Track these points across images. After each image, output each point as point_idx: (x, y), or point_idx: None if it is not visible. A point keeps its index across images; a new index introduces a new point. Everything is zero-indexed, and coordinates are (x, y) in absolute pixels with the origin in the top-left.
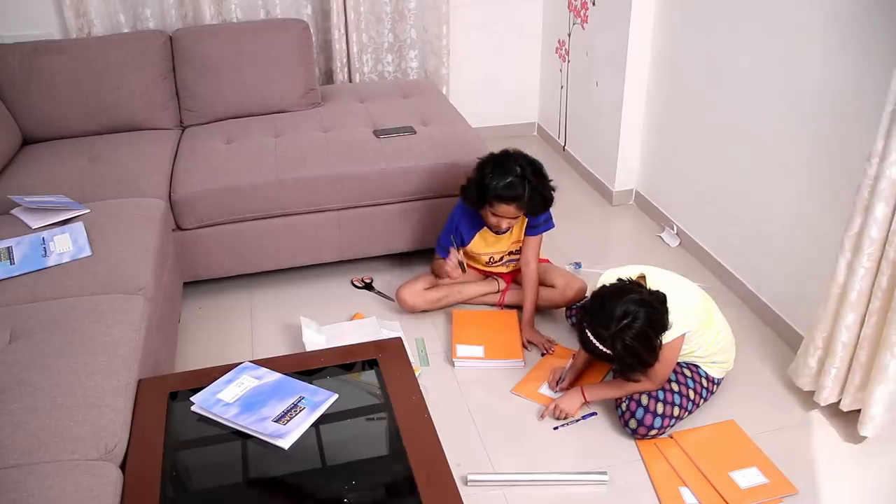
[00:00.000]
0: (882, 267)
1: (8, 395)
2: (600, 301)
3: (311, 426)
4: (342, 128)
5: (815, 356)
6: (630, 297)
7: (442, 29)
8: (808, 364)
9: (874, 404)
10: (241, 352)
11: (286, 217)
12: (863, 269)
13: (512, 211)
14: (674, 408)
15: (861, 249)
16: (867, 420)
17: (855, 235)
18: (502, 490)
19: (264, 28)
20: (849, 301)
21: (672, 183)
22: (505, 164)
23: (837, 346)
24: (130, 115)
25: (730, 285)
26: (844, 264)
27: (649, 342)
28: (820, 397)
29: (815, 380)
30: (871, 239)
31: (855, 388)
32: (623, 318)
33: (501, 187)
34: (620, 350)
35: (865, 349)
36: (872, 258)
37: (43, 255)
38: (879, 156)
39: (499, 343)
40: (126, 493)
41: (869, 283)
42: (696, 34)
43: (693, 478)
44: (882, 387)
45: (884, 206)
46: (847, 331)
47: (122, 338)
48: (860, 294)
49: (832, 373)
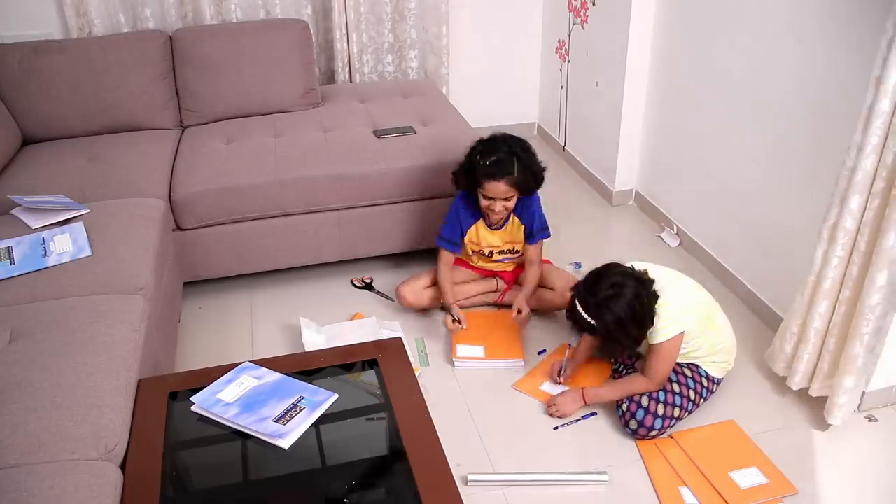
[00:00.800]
0: (853, 257)
1: (8, 395)
2: (591, 275)
3: (311, 426)
4: (342, 128)
5: (792, 342)
6: (619, 270)
7: (442, 29)
8: (784, 350)
9: (841, 393)
10: (241, 352)
11: (286, 217)
12: (836, 259)
13: (502, 188)
14: (674, 408)
15: (836, 239)
16: (834, 408)
17: (831, 226)
18: (502, 490)
19: (264, 28)
20: (822, 289)
21: (672, 183)
22: (492, 143)
23: (810, 333)
24: (130, 115)
25: (730, 285)
26: (821, 254)
27: (635, 313)
28: (792, 382)
29: (789, 365)
30: (845, 229)
31: (824, 374)
32: (611, 287)
33: (490, 163)
34: (607, 320)
35: (835, 337)
36: (846, 248)
37: (43, 255)
38: (857, 147)
39: (499, 343)
40: (126, 493)
41: (841, 273)
42: (696, 34)
43: (693, 478)
44: (849, 377)
45: (858, 198)
46: (820, 318)
47: (122, 338)
48: (833, 283)
49: (804, 359)
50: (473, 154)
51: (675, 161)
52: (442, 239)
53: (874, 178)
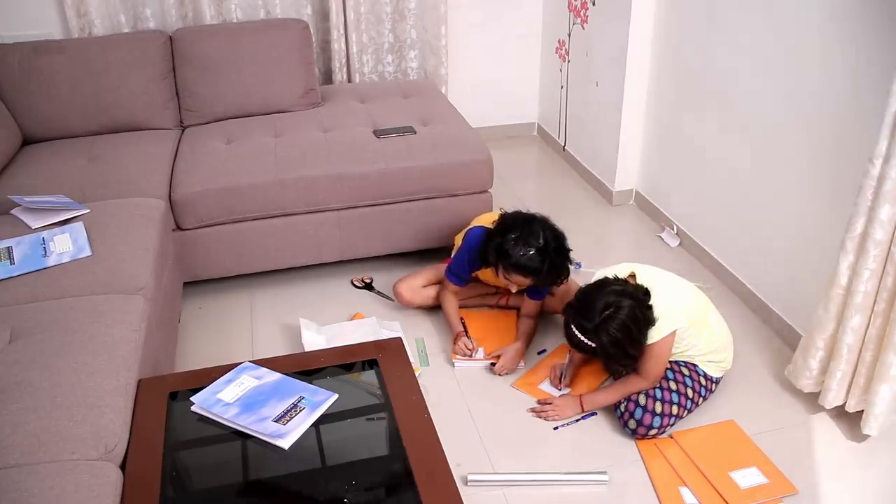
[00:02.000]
0: (887, 268)
1: (8, 395)
2: (583, 295)
3: (311, 426)
4: (342, 128)
5: (817, 358)
6: (612, 289)
7: (441, 29)
8: (808, 366)
9: (878, 403)
10: (241, 352)
11: (286, 217)
12: (868, 272)
13: (526, 282)
14: (672, 406)
15: (866, 251)
16: (871, 419)
17: (858, 237)
18: (502, 490)
19: (264, 28)
20: (854, 303)
21: (672, 183)
22: (529, 233)
23: (843, 349)
24: (130, 115)
25: (730, 285)
26: (847, 266)
27: (632, 333)
28: (825, 400)
29: (818, 381)
30: (875, 241)
31: (860, 389)
32: (605, 309)
33: (523, 259)
34: (604, 342)
35: (870, 350)
36: (878, 260)
37: (43, 255)
38: (883, 157)
39: (499, 343)
40: (126, 493)
41: (875, 285)
42: (696, 34)
43: (693, 478)
44: (886, 385)
45: (889, 208)
46: (853, 333)
47: (122, 338)
48: (866, 296)
49: (837, 375)
50: (506, 236)
51: (675, 161)
52: (451, 273)
53: None
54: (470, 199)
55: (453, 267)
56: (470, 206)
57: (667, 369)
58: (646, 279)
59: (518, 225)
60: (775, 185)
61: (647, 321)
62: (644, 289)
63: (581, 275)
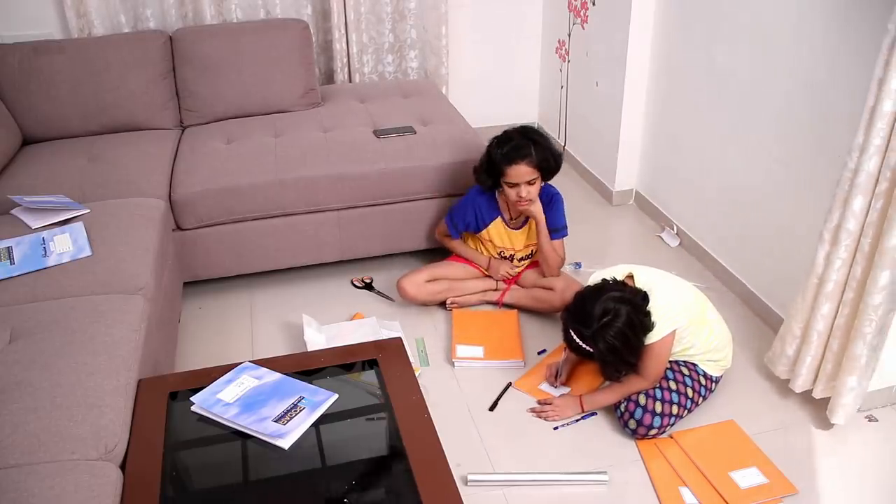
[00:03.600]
0: (857, 258)
1: (8, 395)
2: (581, 300)
3: (311, 426)
4: (342, 128)
5: (794, 345)
6: (610, 294)
7: (442, 29)
8: (785, 353)
9: (845, 393)
10: (241, 352)
11: (286, 217)
12: (839, 261)
13: (526, 171)
14: (672, 406)
15: (838, 241)
16: (838, 408)
17: (834, 228)
18: (502, 490)
19: (264, 28)
20: (825, 291)
21: (672, 183)
22: (506, 134)
23: (813, 335)
24: (130, 115)
25: (730, 285)
26: (823, 255)
27: (629, 340)
28: (795, 385)
29: (792, 368)
30: (847, 231)
31: (827, 376)
32: (603, 315)
33: (509, 149)
34: (602, 348)
35: (838, 339)
36: (849, 249)
37: (43, 255)
38: (860, 149)
39: (499, 343)
40: (126, 493)
41: (844, 274)
42: (696, 34)
43: (693, 478)
44: (852, 377)
45: (861, 199)
46: (822, 320)
47: (122, 338)
48: (836, 285)
49: (807, 361)
50: (490, 148)
51: (675, 161)
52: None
53: (877, 179)
54: None
55: (452, 212)
56: None
57: (666, 369)
58: (644, 279)
59: (497, 137)
60: (776, 184)
61: (644, 328)
62: (642, 293)
63: (581, 275)
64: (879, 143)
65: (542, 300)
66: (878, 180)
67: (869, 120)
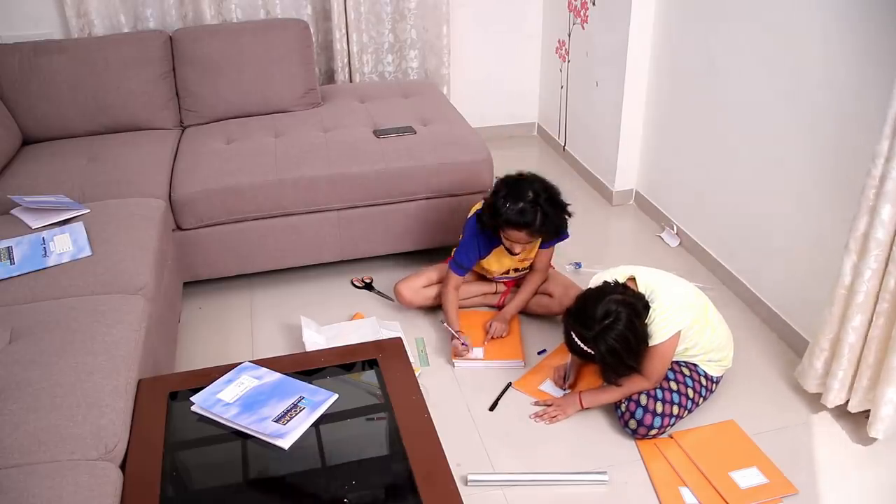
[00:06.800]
0: (889, 268)
1: (8, 395)
2: (582, 303)
3: (311, 426)
4: (342, 128)
5: (822, 358)
6: (612, 297)
7: (442, 29)
8: (814, 366)
9: (884, 405)
10: (241, 352)
11: (286, 217)
12: (869, 271)
13: (523, 237)
14: (673, 406)
15: (867, 251)
16: (877, 421)
17: (861, 237)
18: (502, 490)
19: (264, 28)
20: (856, 303)
21: (672, 183)
22: (518, 189)
23: (844, 348)
24: (130, 115)
25: (730, 285)
26: (850, 266)
27: (630, 343)
28: (827, 399)
29: (822, 382)
30: (876, 240)
31: (863, 389)
32: (604, 318)
33: (513, 214)
34: (603, 351)
35: (873, 350)
36: (879, 259)
37: (43, 255)
38: (885, 156)
39: (498, 344)
40: (126, 493)
41: (876, 285)
42: (696, 34)
43: (693, 478)
44: (892, 388)
45: (890, 208)
46: (854, 332)
47: (122, 338)
48: (867, 296)
49: (839, 375)
50: (498, 195)
51: (675, 161)
52: (455, 264)
53: None
54: (470, 199)
55: (457, 256)
56: (470, 207)
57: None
58: (646, 281)
59: (508, 185)
60: (775, 184)
61: (645, 331)
62: (644, 301)
63: (581, 275)
64: None
65: (541, 305)
66: None
67: (894, 126)
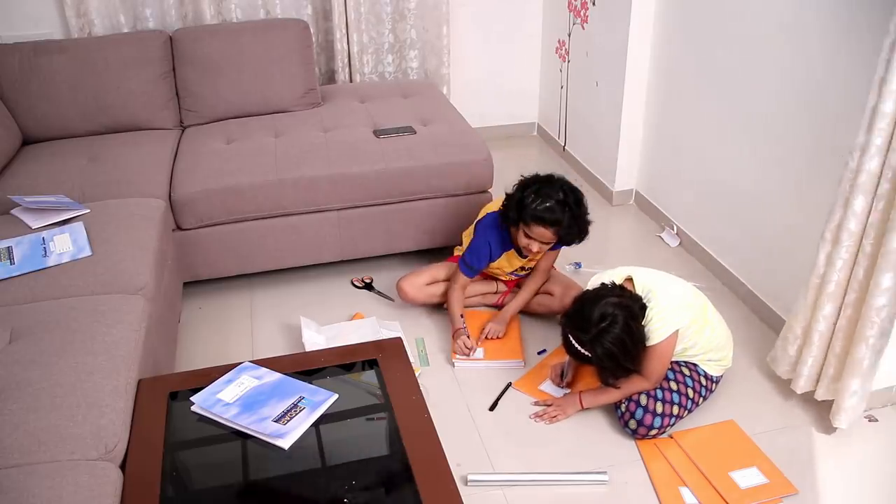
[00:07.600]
0: (859, 259)
1: (8, 395)
2: (580, 305)
3: (311, 426)
4: (342, 128)
5: (795, 345)
6: (608, 300)
7: (442, 29)
8: (787, 353)
9: (848, 397)
10: (241, 352)
11: (286, 217)
12: (841, 261)
13: (547, 235)
14: (673, 406)
15: (840, 241)
16: (840, 412)
17: (835, 227)
18: (502, 490)
19: (264, 28)
20: (827, 292)
21: (672, 183)
22: (548, 187)
23: (814, 336)
24: (130, 115)
25: (730, 285)
26: (824, 255)
27: (626, 346)
28: (797, 385)
29: (793, 369)
30: (849, 231)
31: (829, 378)
32: (601, 321)
33: (542, 209)
34: (599, 353)
35: (840, 340)
36: (850, 250)
37: (43, 255)
38: (861, 149)
39: (499, 344)
40: (126, 493)
41: (846, 275)
42: (696, 34)
43: (693, 478)
44: (855, 380)
45: (863, 200)
46: (824, 321)
47: (122, 338)
48: (837, 285)
49: (808, 362)
50: (526, 189)
51: (675, 161)
52: (465, 265)
53: (879, 179)
54: (470, 199)
55: (467, 257)
56: (470, 206)
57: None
58: (643, 281)
59: (537, 181)
60: (775, 184)
61: (640, 337)
62: (641, 302)
63: (581, 275)
64: (881, 144)
65: (541, 304)
66: (880, 181)
67: (870, 120)
